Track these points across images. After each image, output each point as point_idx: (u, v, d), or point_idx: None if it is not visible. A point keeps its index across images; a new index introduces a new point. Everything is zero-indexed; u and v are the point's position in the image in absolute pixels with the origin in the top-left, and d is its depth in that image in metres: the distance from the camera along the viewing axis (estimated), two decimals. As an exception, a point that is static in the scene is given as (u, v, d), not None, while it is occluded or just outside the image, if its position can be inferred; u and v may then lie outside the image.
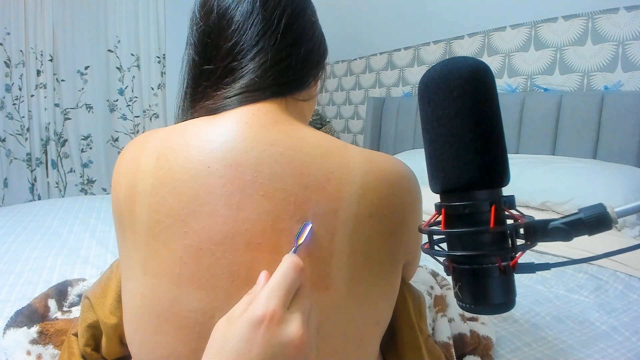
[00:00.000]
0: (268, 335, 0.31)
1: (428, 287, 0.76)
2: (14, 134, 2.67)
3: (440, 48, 2.46)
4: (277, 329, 0.31)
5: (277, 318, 0.31)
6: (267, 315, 0.31)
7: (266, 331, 0.31)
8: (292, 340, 0.31)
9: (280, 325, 0.31)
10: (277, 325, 0.31)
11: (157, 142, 0.45)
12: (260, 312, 0.31)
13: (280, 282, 0.34)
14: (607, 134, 1.62)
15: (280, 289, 0.33)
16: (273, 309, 0.31)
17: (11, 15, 2.55)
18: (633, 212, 0.30)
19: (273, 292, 0.33)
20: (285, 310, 0.32)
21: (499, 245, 0.32)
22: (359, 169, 0.42)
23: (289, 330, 0.32)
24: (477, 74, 0.32)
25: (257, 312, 0.31)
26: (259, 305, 0.32)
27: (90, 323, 0.57)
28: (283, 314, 0.32)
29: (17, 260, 1.12)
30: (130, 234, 0.44)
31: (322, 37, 0.56)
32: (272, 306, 0.32)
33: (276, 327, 0.31)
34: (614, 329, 0.86)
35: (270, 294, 0.33)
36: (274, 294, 0.33)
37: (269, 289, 0.33)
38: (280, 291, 0.33)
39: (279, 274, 0.34)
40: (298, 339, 0.32)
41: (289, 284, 0.34)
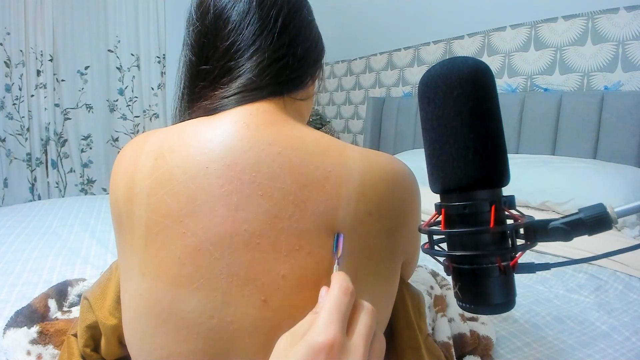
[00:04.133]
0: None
1: (428, 287, 0.76)
2: (14, 134, 2.67)
3: (440, 48, 2.46)
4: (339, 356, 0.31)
5: (337, 346, 0.31)
6: (328, 343, 0.31)
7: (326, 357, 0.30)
8: None
9: (342, 353, 0.31)
10: (339, 352, 0.31)
11: (155, 142, 0.45)
12: (321, 339, 0.31)
13: (336, 307, 0.33)
14: (607, 134, 1.62)
15: (336, 313, 0.33)
16: (333, 337, 0.31)
17: (11, 15, 2.55)
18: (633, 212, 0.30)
19: (330, 318, 0.32)
20: (344, 336, 0.32)
21: (499, 245, 0.32)
22: (358, 167, 0.42)
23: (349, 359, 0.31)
24: (477, 74, 0.32)
25: (318, 339, 0.31)
26: (319, 332, 0.31)
27: (90, 324, 0.57)
28: (343, 340, 0.32)
29: (17, 260, 1.12)
30: (128, 235, 0.44)
31: (319, 36, 0.56)
32: (332, 332, 0.31)
33: (338, 354, 0.31)
34: (614, 329, 0.86)
35: (328, 319, 0.32)
36: (332, 319, 0.32)
37: (326, 314, 0.33)
38: (337, 315, 0.33)
39: (333, 298, 0.34)
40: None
41: (344, 306, 0.34)
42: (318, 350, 0.31)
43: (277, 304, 0.40)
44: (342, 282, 0.35)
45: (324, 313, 0.33)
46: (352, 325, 0.34)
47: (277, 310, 0.40)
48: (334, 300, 0.34)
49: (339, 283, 0.35)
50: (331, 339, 0.31)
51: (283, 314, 0.40)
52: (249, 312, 0.40)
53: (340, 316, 0.33)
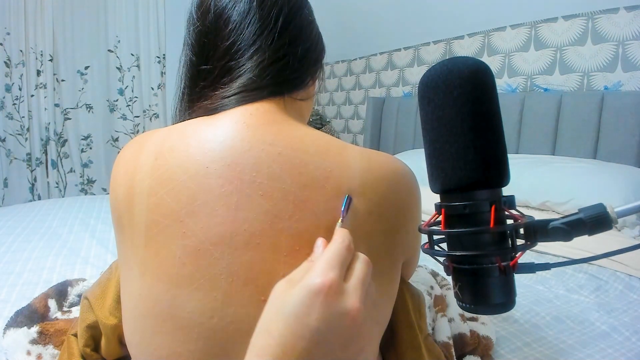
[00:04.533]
0: (326, 303, 0.31)
1: (428, 287, 0.76)
2: (14, 134, 2.67)
3: (440, 48, 2.46)
4: (336, 299, 0.32)
5: (335, 288, 0.32)
6: (327, 284, 0.31)
7: (325, 299, 0.31)
8: (349, 311, 0.32)
9: (339, 296, 0.32)
10: (335, 295, 0.32)
11: (156, 142, 0.45)
12: (320, 281, 0.32)
13: (335, 255, 0.34)
14: (607, 134, 1.61)
15: (336, 261, 0.34)
16: (332, 279, 0.32)
17: (11, 15, 2.55)
18: (633, 212, 0.30)
19: (330, 263, 0.33)
20: (342, 280, 0.33)
21: (499, 245, 0.32)
22: (358, 167, 0.42)
23: (347, 302, 0.32)
24: (477, 74, 0.32)
25: (316, 280, 0.32)
26: (318, 274, 0.32)
27: (90, 324, 0.57)
28: (341, 284, 0.33)
29: (17, 260, 1.12)
30: (128, 235, 0.44)
31: (320, 36, 0.56)
32: (331, 276, 0.32)
33: (334, 297, 0.32)
34: (614, 329, 0.86)
35: (327, 264, 0.33)
36: (331, 265, 0.33)
37: (326, 259, 0.34)
38: (337, 263, 0.34)
39: (334, 249, 0.35)
40: (355, 310, 0.32)
41: (344, 258, 0.35)
42: (317, 291, 0.31)
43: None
44: (345, 237, 0.36)
45: (323, 258, 0.34)
46: (349, 272, 0.35)
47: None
48: (335, 250, 0.35)
49: (342, 237, 0.36)
50: (329, 280, 0.32)
51: (283, 314, 0.40)
52: (249, 312, 0.40)
53: (339, 264, 0.34)
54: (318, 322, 0.31)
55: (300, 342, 0.30)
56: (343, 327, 0.32)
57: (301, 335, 0.30)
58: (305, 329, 0.31)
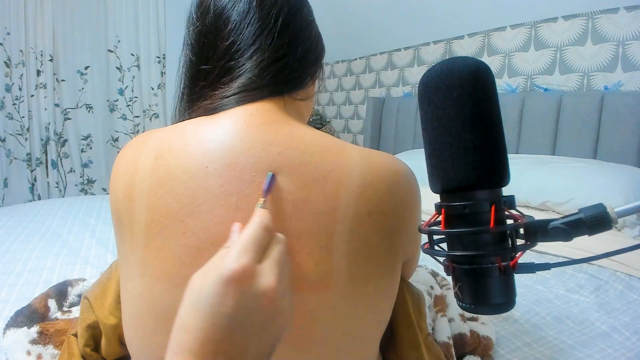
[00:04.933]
0: (241, 289, 0.31)
1: (428, 287, 0.76)
2: (14, 134, 2.67)
3: (440, 48, 2.46)
4: (249, 283, 0.32)
5: (249, 272, 0.32)
6: (239, 270, 0.31)
7: (238, 285, 0.31)
8: (264, 291, 0.32)
9: (252, 279, 0.32)
10: (249, 279, 0.32)
11: (156, 142, 0.45)
12: (233, 267, 0.31)
13: (251, 239, 0.34)
14: (607, 134, 1.61)
15: (252, 244, 0.34)
16: (245, 264, 0.32)
17: (11, 15, 2.55)
18: (633, 212, 0.30)
19: (244, 248, 0.33)
20: (257, 264, 0.33)
21: (499, 245, 0.32)
22: (358, 167, 0.42)
23: (262, 283, 0.32)
24: (477, 74, 0.32)
25: (229, 266, 0.31)
26: (231, 261, 0.32)
27: (90, 323, 0.57)
28: (255, 267, 0.32)
29: (17, 260, 1.12)
30: (128, 235, 0.44)
31: (319, 36, 0.56)
32: (244, 261, 0.32)
33: (248, 281, 0.32)
34: (614, 329, 0.86)
35: (241, 249, 0.33)
36: (246, 249, 0.33)
37: (241, 244, 0.33)
38: (252, 246, 0.33)
39: (250, 231, 0.35)
40: (271, 290, 0.32)
41: (260, 240, 0.34)
42: (229, 279, 0.31)
43: (277, 304, 0.39)
44: (262, 218, 0.36)
45: (238, 243, 0.34)
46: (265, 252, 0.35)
47: (277, 310, 0.39)
48: (250, 232, 0.34)
49: (260, 218, 0.36)
50: (242, 265, 0.32)
51: (283, 314, 0.40)
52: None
53: (255, 247, 0.34)
54: (233, 309, 0.31)
55: (218, 331, 0.30)
56: (260, 308, 0.32)
57: (218, 325, 0.30)
58: (222, 318, 0.30)
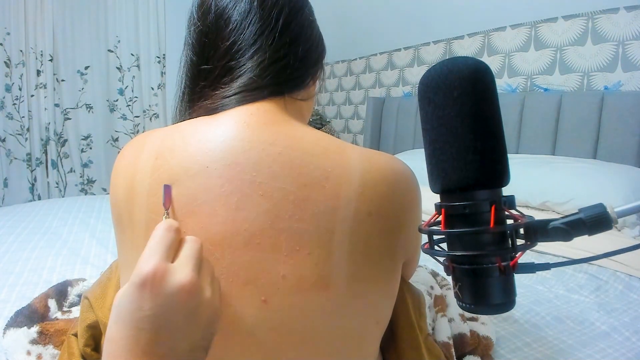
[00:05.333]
0: (154, 289, 0.31)
1: (428, 287, 0.76)
2: (14, 134, 2.67)
3: (440, 48, 2.46)
4: (163, 282, 0.32)
5: (160, 272, 0.32)
6: (150, 271, 0.32)
7: (152, 286, 0.31)
8: (180, 287, 0.32)
9: (165, 278, 0.32)
10: (161, 279, 0.32)
11: (156, 142, 0.45)
12: (143, 271, 0.32)
13: (158, 242, 0.34)
14: (607, 134, 1.61)
15: (157, 246, 0.34)
16: (154, 265, 0.32)
17: (11, 15, 2.55)
18: (633, 212, 0.30)
19: (151, 251, 0.34)
20: (167, 263, 0.33)
21: (499, 245, 0.32)
22: (358, 167, 0.42)
23: (176, 279, 0.32)
24: (477, 74, 0.32)
25: (139, 271, 0.32)
26: (141, 266, 0.32)
27: (90, 323, 0.57)
28: (165, 266, 0.33)
29: (17, 260, 1.12)
30: (128, 235, 0.44)
31: (320, 36, 0.56)
32: (153, 261, 0.32)
33: (161, 280, 0.32)
34: (614, 329, 0.86)
35: (149, 253, 0.33)
36: (153, 252, 0.33)
37: (148, 250, 0.34)
38: (158, 247, 0.34)
39: (155, 236, 0.35)
40: (187, 284, 0.32)
41: (166, 241, 0.35)
42: (142, 283, 0.31)
43: (277, 304, 0.40)
44: (166, 222, 0.37)
45: (145, 250, 0.34)
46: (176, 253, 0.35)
47: (277, 311, 0.40)
48: (155, 237, 0.35)
49: (162, 223, 0.36)
50: (152, 267, 0.32)
51: (283, 314, 0.40)
52: (249, 312, 0.40)
53: (162, 248, 0.34)
54: (152, 310, 0.31)
55: (142, 335, 0.31)
56: (180, 304, 0.32)
57: (141, 328, 0.31)
58: (144, 321, 0.31)
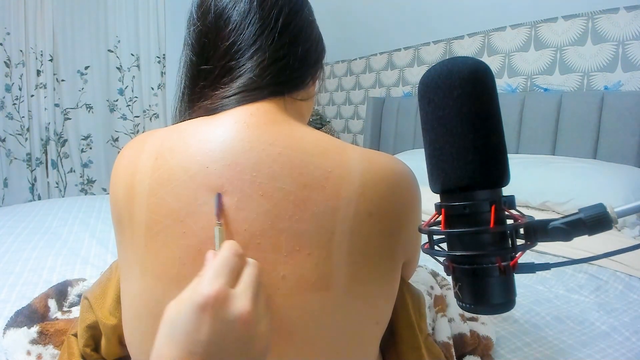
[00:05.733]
0: (214, 314, 0.31)
1: (428, 287, 0.76)
2: (14, 134, 2.67)
3: (440, 48, 2.46)
4: (223, 308, 0.32)
5: (222, 297, 0.32)
6: (213, 295, 0.31)
7: (212, 311, 0.31)
8: (239, 316, 0.32)
9: (226, 304, 0.32)
10: (222, 304, 0.32)
11: (156, 142, 0.45)
12: (206, 292, 0.31)
13: (223, 264, 0.34)
14: (607, 134, 1.61)
15: (223, 269, 0.34)
16: (217, 289, 0.32)
17: (11, 15, 2.55)
18: (633, 212, 0.30)
19: (216, 273, 0.33)
20: (230, 288, 0.33)
21: (499, 245, 0.32)
22: (358, 167, 0.42)
23: (236, 307, 0.32)
24: (477, 74, 0.32)
25: (202, 292, 0.31)
26: (204, 287, 0.32)
27: (90, 324, 0.57)
28: (228, 292, 0.32)
29: (17, 260, 1.12)
30: (128, 235, 0.44)
31: (320, 36, 0.56)
32: (217, 286, 0.32)
33: (222, 306, 0.31)
34: (614, 329, 0.86)
35: (213, 275, 0.33)
36: (218, 274, 0.33)
37: (213, 270, 0.33)
38: (224, 270, 0.34)
39: (222, 257, 0.35)
40: (246, 314, 0.32)
41: (232, 265, 0.35)
42: (203, 305, 0.31)
43: (277, 305, 0.40)
44: (232, 245, 0.36)
45: (209, 269, 0.34)
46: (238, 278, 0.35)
47: (278, 311, 0.40)
48: (222, 259, 0.35)
49: (229, 244, 0.36)
50: (215, 291, 0.31)
51: (283, 314, 0.40)
52: (249, 312, 0.40)
53: (226, 271, 0.34)
54: (208, 335, 0.30)
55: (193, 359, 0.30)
56: (236, 333, 0.32)
57: (194, 352, 0.30)
58: (197, 345, 0.30)
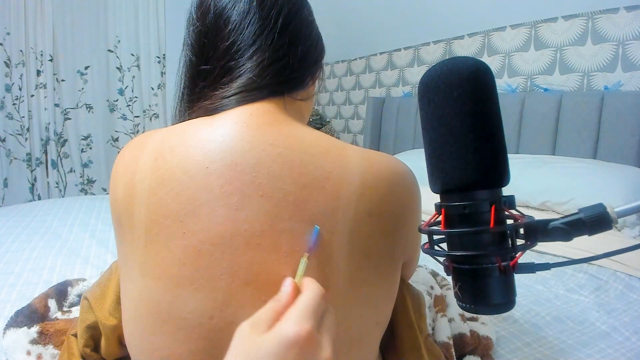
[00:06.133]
0: (301, 355, 0.30)
1: (428, 287, 0.76)
2: (14, 134, 2.67)
3: (440, 48, 2.45)
4: (310, 351, 0.30)
5: (311, 340, 0.30)
6: (302, 336, 0.30)
7: (300, 352, 0.30)
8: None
9: (313, 347, 0.31)
10: (311, 347, 0.30)
11: (156, 142, 0.45)
12: (295, 332, 0.30)
13: (313, 305, 0.33)
14: (607, 134, 1.61)
15: (313, 311, 0.32)
16: (308, 330, 0.30)
17: (11, 15, 2.55)
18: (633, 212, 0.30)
19: (306, 313, 0.32)
20: (317, 332, 0.32)
21: (499, 245, 0.32)
22: (358, 168, 0.42)
23: (321, 353, 0.31)
24: (477, 74, 0.32)
25: (291, 330, 0.30)
26: (293, 324, 0.31)
27: (90, 324, 0.57)
28: (316, 336, 0.31)
29: (17, 260, 1.12)
30: (128, 235, 0.44)
31: (319, 36, 0.56)
32: (308, 327, 0.30)
33: (310, 348, 0.30)
34: (614, 329, 0.86)
35: (304, 314, 0.32)
36: (308, 314, 0.32)
37: (302, 308, 0.32)
38: (314, 313, 0.32)
39: (310, 297, 0.33)
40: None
41: (319, 308, 0.33)
42: (293, 342, 0.30)
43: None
44: (319, 287, 0.35)
45: (300, 305, 0.32)
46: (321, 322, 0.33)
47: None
48: (311, 298, 0.33)
49: (316, 286, 0.35)
50: (306, 332, 0.30)
51: (283, 314, 0.40)
52: (249, 313, 0.39)
53: (314, 313, 0.32)
54: None
55: None
56: None
57: None
58: None
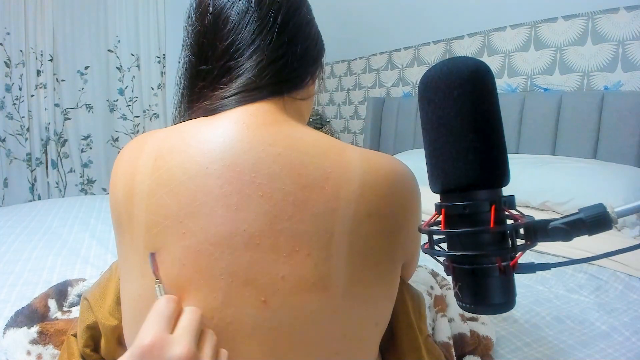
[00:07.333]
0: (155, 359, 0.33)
1: (428, 287, 0.76)
2: (14, 134, 2.67)
3: (440, 48, 2.45)
4: (162, 352, 0.33)
5: (158, 343, 0.33)
6: (149, 343, 0.33)
7: (151, 357, 0.33)
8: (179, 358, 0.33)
9: (165, 348, 0.33)
10: (160, 349, 0.33)
11: (155, 143, 0.45)
12: (142, 343, 0.33)
13: (158, 314, 0.36)
14: (607, 134, 1.61)
15: (157, 317, 0.36)
16: (153, 336, 0.34)
17: (11, 15, 2.55)
18: (633, 212, 0.30)
19: (151, 323, 0.35)
20: (166, 334, 0.35)
21: (499, 245, 0.32)
22: (358, 168, 0.42)
23: (175, 350, 0.34)
24: (477, 74, 0.32)
25: (140, 343, 0.33)
26: (140, 337, 0.34)
27: (89, 324, 0.57)
28: (164, 337, 0.34)
29: (17, 260, 1.12)
30: (128, 236, 0.44)
31: (319, 35, 0.56)
32: (153, 333, 0.34)
33: (161, 351, 0.33)
34: (614, 329, 0.86)
35: (149, 325, 0.35)
36: (152, 324, 0.35)
37: (148, 321, 0.36)
38: (159, 319, 0.36)
39: (155, 308, 0.37)
40: (184, 357, 0.33)
41: (168, 312, 0.37)
42: (143, 351, 0.33)
43: (276, 305, 0.40)
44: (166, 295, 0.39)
45: (146, 321, 0.36)
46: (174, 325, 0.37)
47: (277, 311, 0.40)
48: (156, 309, 0.37)
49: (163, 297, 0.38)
50: (151, 339, 0.33)
51: (283, 314, 0.40)
52: (248, 313, 0.40)
53: (161, 319, 0.36)
54: None
55: None
56: None
57: None
58: None
